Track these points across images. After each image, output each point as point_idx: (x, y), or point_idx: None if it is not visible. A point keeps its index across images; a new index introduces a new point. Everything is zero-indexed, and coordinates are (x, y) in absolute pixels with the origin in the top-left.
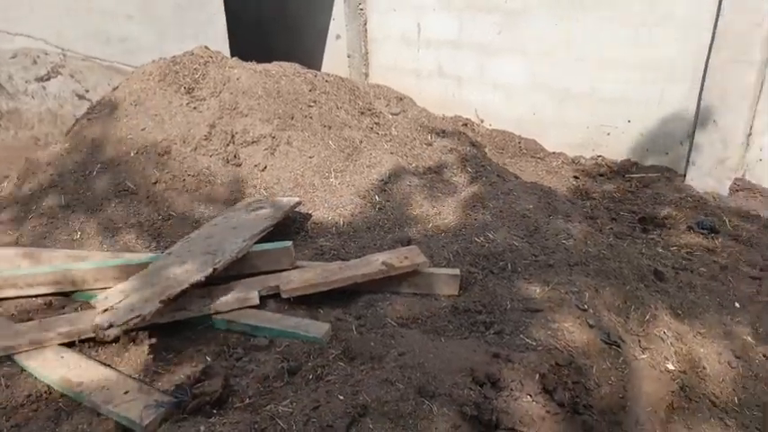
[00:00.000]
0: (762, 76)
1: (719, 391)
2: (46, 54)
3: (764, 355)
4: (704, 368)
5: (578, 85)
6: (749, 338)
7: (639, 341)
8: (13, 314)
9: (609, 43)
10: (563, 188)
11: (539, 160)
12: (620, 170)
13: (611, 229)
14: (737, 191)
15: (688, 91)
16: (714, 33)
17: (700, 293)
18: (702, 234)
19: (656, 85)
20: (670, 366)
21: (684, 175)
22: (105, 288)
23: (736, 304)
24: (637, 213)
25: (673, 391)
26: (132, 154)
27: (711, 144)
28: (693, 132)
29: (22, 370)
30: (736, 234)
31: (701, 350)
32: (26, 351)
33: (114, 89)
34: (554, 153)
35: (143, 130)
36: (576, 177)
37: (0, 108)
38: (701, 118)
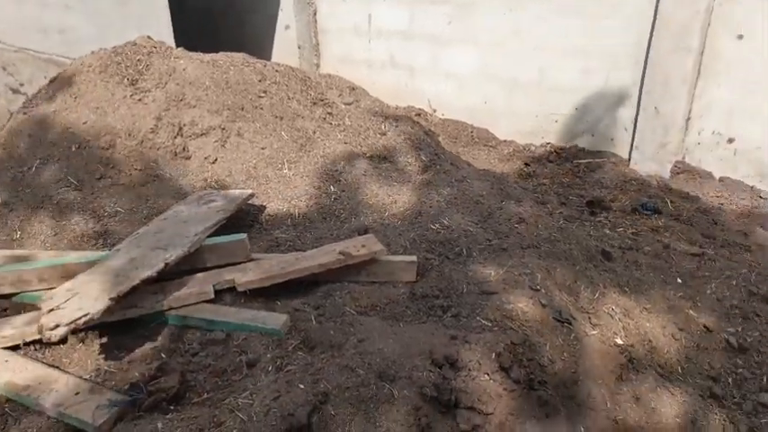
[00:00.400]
0: (698, 63)
1: (665, 362)
2: None
3: (705, 327)
4: (650, 341)
5: (527, 75)
6: (691, 312)
7: (590, 318)
8: None
9: (556, 33)
10: (515, 175)
11: (491, 148)
12: (569, 156)
13: (561, 212)
14: (678, 173)
15: (631, 78)
16: (655, 22)
17: (645, 271)
18: (646, 215)
19: (601, 73)
20: (618, 341)
21: (629, 160)
22: (50, 288)
23: (679, 280)
24: (585, 197)
25: (622, 364)
26: (74, 149)
27: (653, 129)
28: (636, 118)
29: None
30: (677, 214)
31: (647, 324)
32: None
33: (51, 81)
34: (505, 141)
35: (85, 123)
36: (526, 164)
37: None
38: (643, 104)
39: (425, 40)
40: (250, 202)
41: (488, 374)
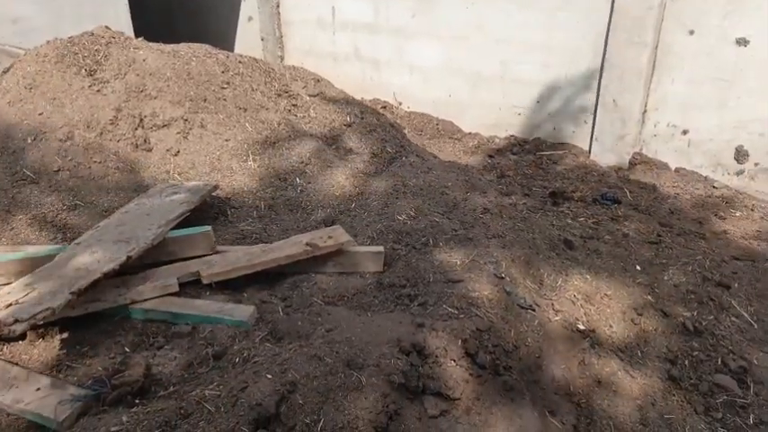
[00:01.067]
0: (653, 58)
1: (625, 346)
2: None
3: (663, 312)
4: (611, 326)
5: (490, 68)
6: (649, 297)
7: (553, 304)
8: None
9: (518, 27)
10: (480, 166)
11: (456, 141)
12: (532, 148)
13: (525, 203)
14: (636, 164)
15: (590, 72)
16: (611, 16)
17: (605, 259)
18: (606, 205)
19: (561, 66)
20: (581, 326)
21: (589, 152)
22: (7, 284)
23: (638, 267)
24: (547, 188)
25: (584, 349)
26: (30, 140)
27: (612, 122)
28: (596, 111)
29: None
30: (636, 204)
31: (608, 310)
32: None
33: (4, 72)
34: (470, 134)
35: (41, 114)
36: (490, 156)
37: None
38: (601, 97)
39: (390, 34)
40: (215, 194)
41: (455, 361)
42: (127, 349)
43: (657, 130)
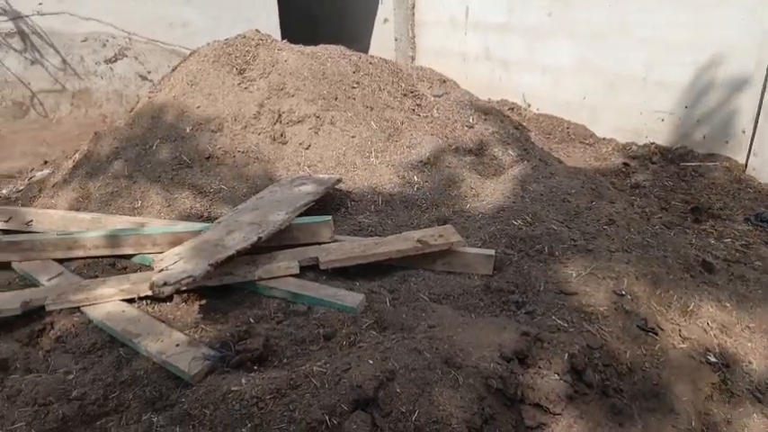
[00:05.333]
0: None
1: (765, 388)
2: (114, 38)
3: None
4: (750, 363)
5: (631, 69)
6: None
7: (680, 331)
8: (82, 272)
9: (665, 25)
10: (611, 174)
11: (587, 146)
12: (675, 158)
13: (660, 218)
14: None
15: (750, 75)
16: None
17: (752, 287)
18: (761, 227)
19: (716, 68)
20: (712, 358)
21: (745, 165)
22: (161, 252)
23: None
24: (689, 203)
25: (713, 384)
26: (188, 130)
27: None
28: (757, 120)
29: (90, 321)
30: None
31: (749, 345)
32: (93, 305)
33: (173, 70)
34: (604, 139)
35: (198, 108)
36: (625, 164)
37: (73, 88)
38: (765, 105)
39: (523, 33)
40: (338, 186)
41: (559, 374)
42: (251, 320)
43: None
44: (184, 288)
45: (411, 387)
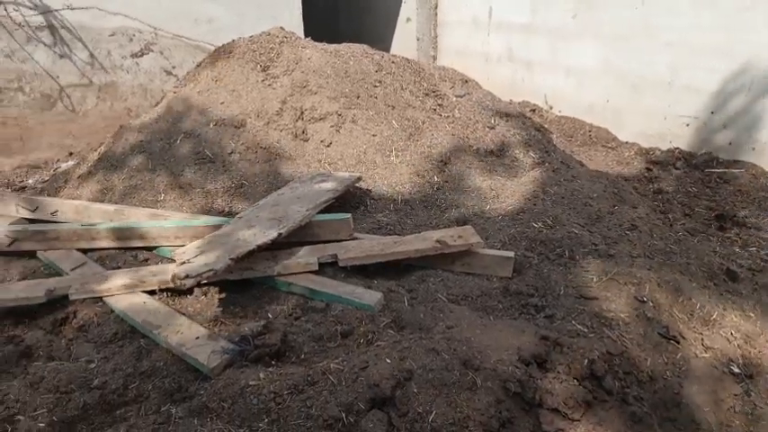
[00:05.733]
0: None
1: None
2: (140, 32)
3: None
4: None
5: (657, 72)
6: None
7: (702, 340)
8: (104, 262)
9: (692, 28)
10: (634, 179)
11: (610, 150)
12: (699, 164)
13: (683, 224)
14: None
15: None
16: None
17: None
18: None
19: (744, 74)
20: (735, 369)
21: None
22: (183, 245)
23: None
24: (714, 210)
25: (736, 395)
26: (211, 125)
27: None
28: None
29: (111, 311)
30: None
31: None
32: (115, 295)
33: (197, 66)
34: (627, 143)
35: (222, 103)
36: (648, 169)
37: (100, 82)
38: None
39: (546, 34)
40: (357, 185)
41: (578, 380)
42: (270, 315)
43: None
44: (205, 281)
45: (428, 387)
